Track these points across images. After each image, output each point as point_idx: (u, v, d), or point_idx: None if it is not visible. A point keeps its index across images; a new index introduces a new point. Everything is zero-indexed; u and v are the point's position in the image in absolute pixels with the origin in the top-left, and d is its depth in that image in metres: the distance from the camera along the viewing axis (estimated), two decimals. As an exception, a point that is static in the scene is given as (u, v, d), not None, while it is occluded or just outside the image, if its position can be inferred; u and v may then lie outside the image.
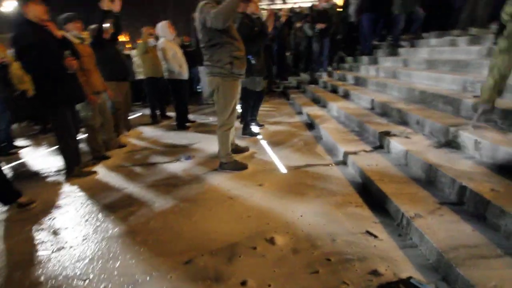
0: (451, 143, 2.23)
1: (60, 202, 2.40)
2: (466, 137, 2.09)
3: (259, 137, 3.76)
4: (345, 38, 7.69)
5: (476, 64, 3.22)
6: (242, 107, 3.74)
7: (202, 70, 6.65)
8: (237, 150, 3.11)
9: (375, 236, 1.64)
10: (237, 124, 3.41)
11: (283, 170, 2.69)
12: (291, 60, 9.36)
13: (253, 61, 3.21)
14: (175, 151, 3.52)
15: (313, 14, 6.28)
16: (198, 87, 8.15)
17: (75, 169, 2.88)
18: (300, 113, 4.87)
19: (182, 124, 4.56)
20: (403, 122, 2.93)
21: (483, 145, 1.94)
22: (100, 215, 2.13)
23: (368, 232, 1.68)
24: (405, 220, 1.64)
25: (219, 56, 2.41)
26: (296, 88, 7.06)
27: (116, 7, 3.30)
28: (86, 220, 2.07)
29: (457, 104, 2.63)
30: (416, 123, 2.72)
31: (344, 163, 2.69)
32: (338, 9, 7.08)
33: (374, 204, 1.98)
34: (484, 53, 3.44)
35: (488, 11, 3.96)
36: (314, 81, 6.49)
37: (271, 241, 1.68)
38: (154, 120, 5.17)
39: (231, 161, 2.73)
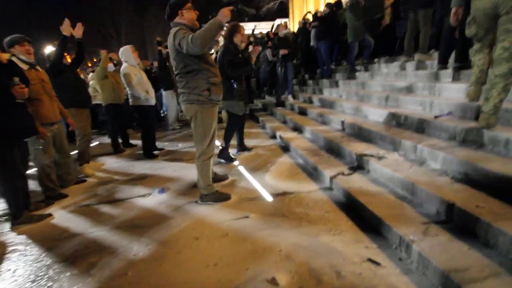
0: (424, 161, 2.36)
1: (2, 258, 1.95)
2: (436, 154, 2.23)
3: (235, 162, 3.63)
4: (304, 62, 8.15)
5: (426, 87, 3.57)
6: (225, 131, 3.66)
7: (166, 95, 6.41)
8: (216, 178, 2.94)
9: (378, 264, 1.59)
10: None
11: (268, 198, 2.58)
12: (254, 83, 9.59)
13: (235, 85, 3.23)
14: (145, 183, 3.20)
15: (274, 42, 6.55)
16: (162, 111, 7.80)
17: (23, 213, 2.42)
18: (273, 136, 4.87)
19: (150, 153, 4.23)
20: (376, 142, 3.06)
21: (453, 161, 2.07)
22: (53, 272, 1.76)
23: (371, 260, 1.62)
24: (404, 244, 1.63)
25: (196, 83, 2.29)
26: (262, 111, 7.14)
27: (78, 32, 3.05)
28: (34, 281, 1.69)
29: (421, 123, 2.84)
30: (390, 142, 2.85)
31: (328, 186, 2.68)
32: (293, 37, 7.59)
33: (366, 227, 1.96)
34: (432, 76, 3.85)
35: (428, 40, 4.51)
36: (281, 104, 6.64)
37: (273, 281, 1.52)
38: (116, 149, 4.73)
39: (213, 192, 2.54)
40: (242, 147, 4.00)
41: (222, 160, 3.67)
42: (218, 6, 2.87)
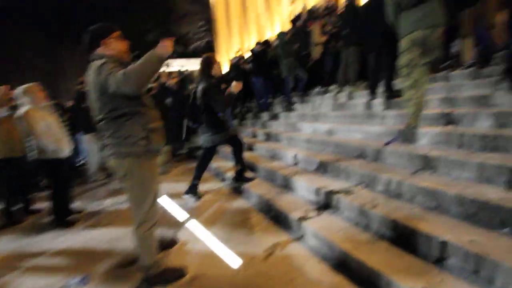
0: (401, 195, 2.25)
1: None
2: (409, 185, 2.15)
3: (185, 215, 3.00)
4: (242, 97, 8.11)
5: (364, 115, 3.75)
6: (199, 165, 3.41)
7: (86, 139, 5.33)
8: (163, 246, 2.26)
9: None
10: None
11: (235, 263, 2.05)
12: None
13: (221, 117, 3.12)
14: (56, 269, 2.28)
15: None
16: (80, 160, 6.47)
17: None
18: (221, 177, 4.38)
19: (62, 219, 3.20)
20: (336, 175, 2.91)
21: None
22: None
23: None
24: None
25: (129, 130, 1.73)
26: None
27: None
28: None
29: (371, 152, 2.84)
30: (354, 176, 2.72)
31: (300, 235, 2.32)
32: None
33: (361, 281, 1.65)
34: (365, 106, 4.10)
35: (356, 74, 4.94)
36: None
37: None
38: (11, 219, 3.48)
39: (160, 271, 1.89)
40: (193, 191, 3.44)
41: (188, 197, 3.34)
42: (144, 45, 2.45)
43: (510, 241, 1.50)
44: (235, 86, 3.03)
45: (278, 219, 2.65)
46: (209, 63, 3.07)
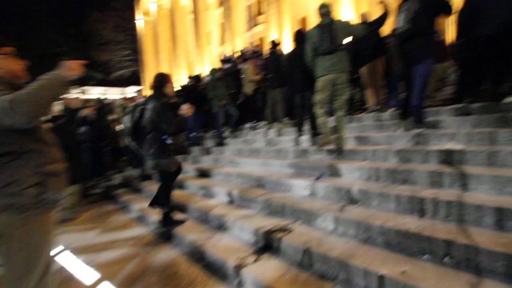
0: (336, 230, 2.28)
1: None
2: (341, 219, 2.21)
3: (95, 277, 2.36)
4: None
5: (291, 151, 3.93)
6: (159, 194, 3.07)
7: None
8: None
9: None
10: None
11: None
12: (110, 154, 7.97)
13: (169, 141, 2.86)
14: None
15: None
16: None
17: None
18: (144, 221, 3.79)
19: None
20: (273, 213, 2.83)
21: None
22: None
23: None
24: None
25: (13, 174, 1.28)
26: (124, 187, 5.78)
27: None
28: None
29: (304, 187, 2.91)
30: (290, 213, 2.67)
31: (239, 285, 2.07)
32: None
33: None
34: (293, 143, 4.33)
35: (283, 112, 5.28)
36: (149, 176, 5.60)
37: None
38: None
39: None
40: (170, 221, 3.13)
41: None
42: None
43: (434, 268, 1.63)
44: (187, 109, 2.89)
45: (213, 268, 2.35)
46: (162, 81, 2.85)
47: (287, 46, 14.45)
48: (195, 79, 7.36)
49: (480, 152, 2.33)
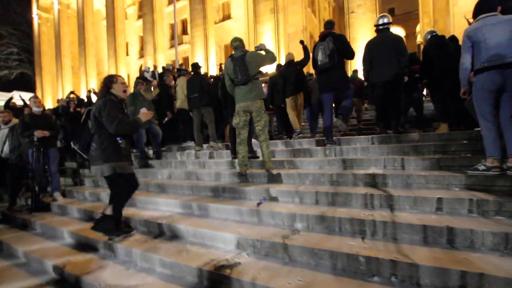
0: (293, 258, 2.16)
1: None
2: (288, 246, 2.13)
3: None
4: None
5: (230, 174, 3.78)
6: (115, 201, 2.68)
7: None
8: None
9: None
10: None
11: None
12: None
13: (122, 145, 2.59)
14: None
15: (25, 120, 4.52)
16: None
17: None
18: (37, 268, 2.82)
19: None
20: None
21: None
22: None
23: None
24: None
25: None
26: (3, 223, 4.30)
27: None
28: None
29: (247, 213, 2.77)
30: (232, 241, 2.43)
31: None
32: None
33: None
34: (229, 164, 4.18)
35: (214, 130, 5.14)
36: (42, 207, 4.36)
37: None
38: None
39: None
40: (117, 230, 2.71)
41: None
42: None
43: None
44: (144, 114, 2.65)
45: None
46: (109, 82, 2.66)
47: (213, 69, 14.59)
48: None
49: (397, 176, 2.72)
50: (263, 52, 3.48)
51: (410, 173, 2.73)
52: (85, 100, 8.45)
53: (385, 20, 3.95)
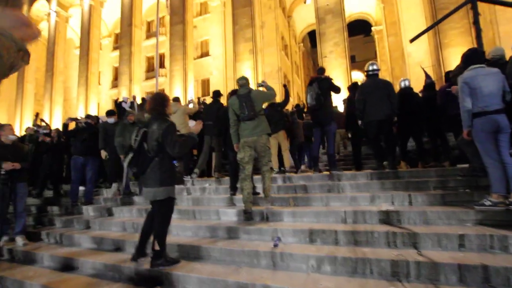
0: None
1: None
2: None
3: None
4: (41, 183, 5.65)
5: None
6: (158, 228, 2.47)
7: None
8: None
9: None
10: None
11: None
12: None
13: (178, 168, 2.88)
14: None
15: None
16: None
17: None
18: None
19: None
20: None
21: None
22: None
23: None
24: None
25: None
26: None
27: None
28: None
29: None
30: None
31: None
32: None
33: None
34: (228, 201, 3.94)
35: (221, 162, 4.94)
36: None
37: None
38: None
39: None
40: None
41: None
42: None
43: None
44: (196, 126, 2.60)
45: None
46: (163, 101, 2.56)
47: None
48: (94, 119, 6.00)
49: (410, 212, 2.74)
50: (264, 89, 3.62)
51: (424, 209, 2.77)
52: (60, 128, 7.51)
53: (375, 67, 4.37)
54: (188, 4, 16.07)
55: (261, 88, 3.74)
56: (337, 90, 4.49)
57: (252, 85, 13.47)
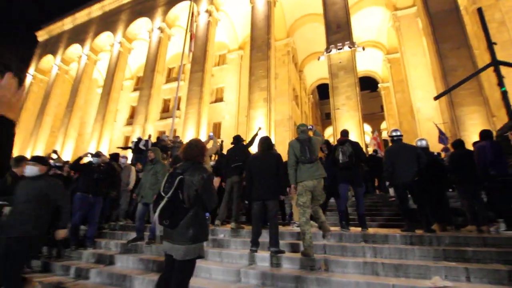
0: None
1: None
2: None
3: None
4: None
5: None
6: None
7: None
8: None
9: None
10: None
11: None
12: None
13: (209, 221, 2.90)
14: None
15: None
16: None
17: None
18: None
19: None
20: None
21: None
22: None
23: None
24: None
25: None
26: None
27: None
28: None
29: None
30: None
31: None
32: None
33: None
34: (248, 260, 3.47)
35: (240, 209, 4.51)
36: None
37: None
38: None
39: None
40: None
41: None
42: None
43: None
44: (216, 181, 2.49)
45: None
46: (202, 148, 2.34)
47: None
48: (113, 158, 5.84)
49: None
50: (319, 138, 3.87)
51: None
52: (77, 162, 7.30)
53: (398, 133, 4.53)
54: (209, 56, 17.24)
55: (310, 133, 3.90)
56: (363, 156, 4.68)
57: (265, 132, 13.62)
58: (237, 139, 5.13)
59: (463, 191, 4.43)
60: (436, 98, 6.07)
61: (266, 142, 3.95)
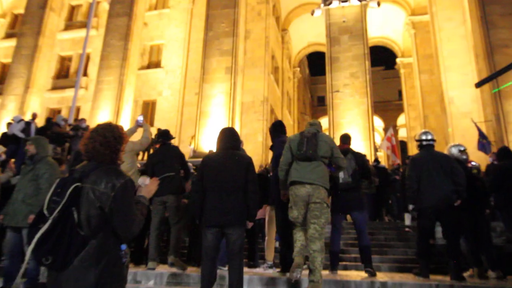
0: None
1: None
2: None
3: None
4: None
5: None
6: None
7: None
8: None
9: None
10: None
11: None
12: None
13: None
14: None
15: None
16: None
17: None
18: None
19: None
20: None
21: None
22: None
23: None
24: None
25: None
26: None
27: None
28: None
29: None
30: None
31: None
32: None
33: None
34: None
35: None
36: None
37: None
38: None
39: None
40: None
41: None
42: None
43: None
44: (151, 184, 2.58)
45: None
46: (118, 139, 2.31)
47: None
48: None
49: None
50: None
51: None
52: None
53: (429, 137, 4.80)
54: (141, -9, 16.79)
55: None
56: (368, 173, 5.08)
57: (224, 120, 13.54)
58: (165, 136, 5.12)
59: (511, 221, 4.85)
60: (478, 85, 6.57)
61: (230, 136, 3.71)
